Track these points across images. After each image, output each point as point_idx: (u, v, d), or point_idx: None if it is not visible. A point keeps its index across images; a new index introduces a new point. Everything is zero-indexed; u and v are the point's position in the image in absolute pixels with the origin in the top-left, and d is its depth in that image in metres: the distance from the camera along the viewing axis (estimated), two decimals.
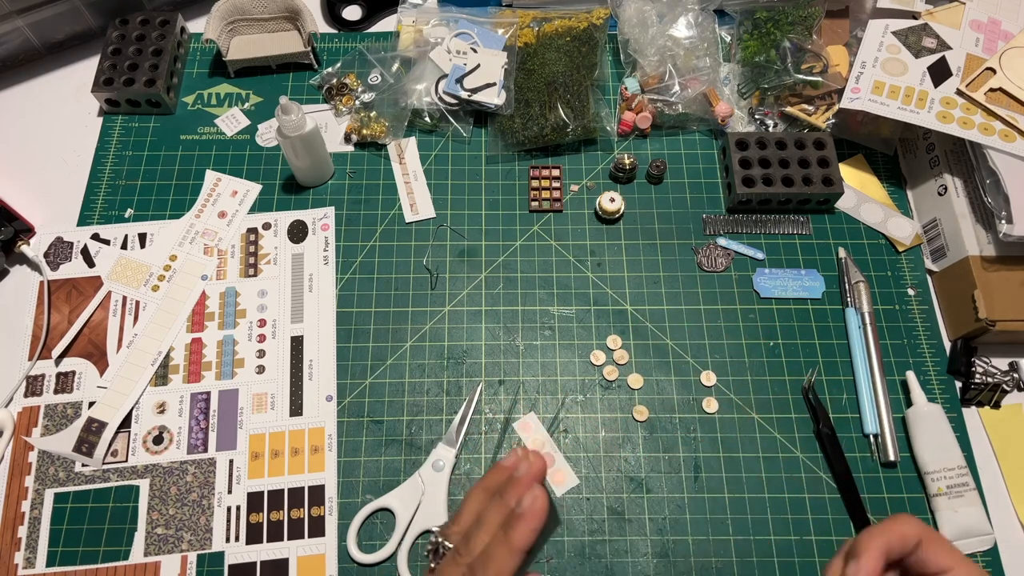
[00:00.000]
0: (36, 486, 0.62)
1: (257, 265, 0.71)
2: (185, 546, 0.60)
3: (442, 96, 0.76)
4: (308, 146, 0.67)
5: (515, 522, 0.39)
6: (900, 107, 0.69)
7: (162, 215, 0.74)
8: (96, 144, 0.77)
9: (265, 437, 0.64)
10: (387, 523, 0.61)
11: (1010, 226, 0.64)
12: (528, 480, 0.41)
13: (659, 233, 0.73)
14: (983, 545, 0.60)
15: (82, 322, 0.68)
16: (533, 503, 0.40)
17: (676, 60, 0.76)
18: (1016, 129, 0.68)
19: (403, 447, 0.64)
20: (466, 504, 0.43)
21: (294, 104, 0.64)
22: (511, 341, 0.68)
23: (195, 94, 0.80)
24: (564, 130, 0.74)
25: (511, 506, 0.41)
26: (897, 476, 0.63)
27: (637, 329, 0.69)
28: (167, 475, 0.63)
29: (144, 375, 0.66)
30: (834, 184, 0.72)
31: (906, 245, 0.73)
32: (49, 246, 0.72)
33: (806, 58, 0.76)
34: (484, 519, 0.41)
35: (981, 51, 0.72)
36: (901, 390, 0.66)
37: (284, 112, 0.64)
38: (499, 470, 0.44)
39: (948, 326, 0.70)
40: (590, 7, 0.81)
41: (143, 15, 0.80)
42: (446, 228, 0.73)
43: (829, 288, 0.71)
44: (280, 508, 0.62)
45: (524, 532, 0.39)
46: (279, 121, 0.65)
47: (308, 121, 0.66)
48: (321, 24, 0.86)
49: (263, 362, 0.67)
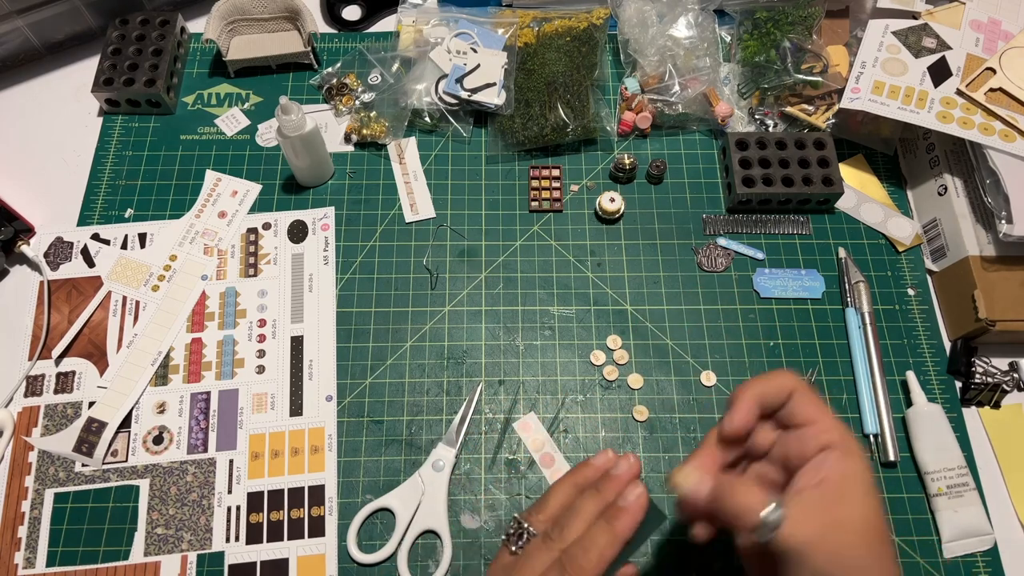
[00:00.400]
0: (36, 486, 0.62)
1: (257, 265, 0.71)
2: (185, 546, 0.60)
3: (442, 96, 0.76)
4: (308, 146, 0.67)
5: (618, 513, 0.42)
6: (900, 107, 0.69)
7: (162, 215, 0.74)
8: (96, 144, 0.77)
9: (265, 437, 0.64)
10: (387, 523, 0.61)
11: (1010, 226, 0.64)
12: (628, 477, 0.45)
13: (659, 233, 0.73)
14: (983, 545, 0.60)
15: (82, 322, 0.68)
16: (638, 498, 0.43)
17: (676, 60, 0.76)
18: (1016, 129, 0.68)
19: (403, 447, 0.64)
20: (553, 495, 0.46)
21: (294, 104, 0.64)
22: (511, 341, 0.68)
23: (195, 94, 0.80)
24: (564, 130, 0.74)
25: (609, 499, 0.43)
26: (897, 476, 0.63)
27: (637, 329, 0.69)
28: (167, 475, 0.63)
29: (144, 375, 0.66)
30: (834, 184, 0.72)
31: (906, 245, 0.73)
32: (49, 246, 0.72)
33: (806, 58, 0.76)
34: (579, 509, 0.44)
35: (981, 51, 0.72)
36: (901, 390, 0.66)
37: (284, 112, 0.64)
38: (590, 467, 0.47)
39: (948, 326, 0.70)
40: (590, 7, 0.81)
41: (143, 15, 0.80)
42: (446, 228, 0.73)
43: (829, 288, 0.71)
44: (280, 508, 0.62)
45: (627, 522, 0.42)
46: (279, 121, 0.65)
47: (308, 121, 0.66)
48: (321, 24, 0.86)
49: (263, 362, 0.67)
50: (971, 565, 0.60)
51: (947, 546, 0.60)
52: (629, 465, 0.45)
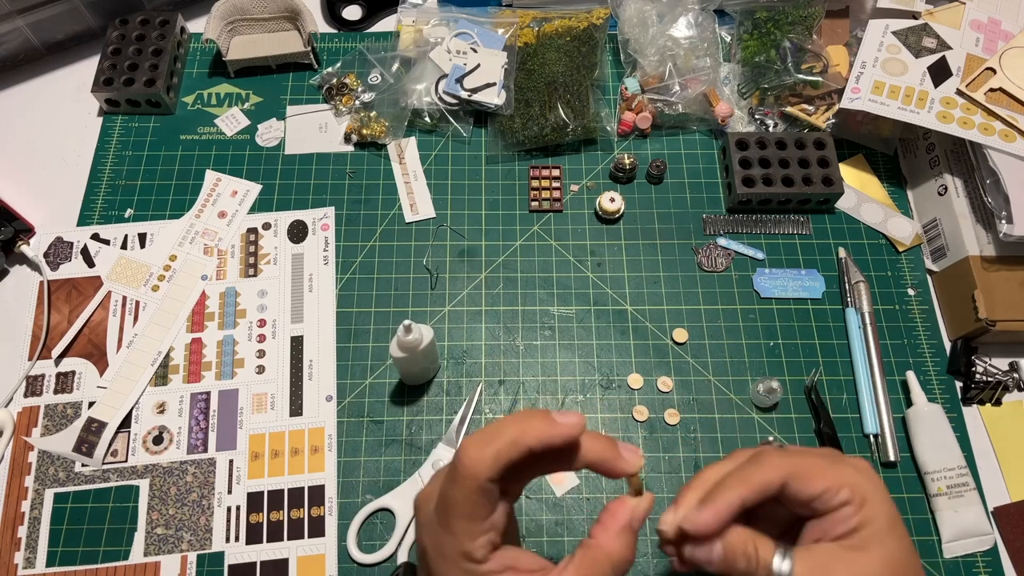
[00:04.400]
0: (36, 486, 0.62)
1: (257, 265, 0.71)
2: (185, 546, 0.60)
3: (442, 96, 0.76)
4: (427, 354, 0.60)
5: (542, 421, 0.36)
6: (900, 107, 0.69)
7: (162, 215, 0.74)
8: (96, 144, 0.77)
9: (265, 437, 0.64)
10: (387, 523, 0.61)
11: (1010, 226, 0.64)
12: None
13: (659, 233, 0.73)
14: (983, 545, 0.60)
15: (82, 322, 0.68)
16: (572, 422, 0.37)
17: (676, 60, 0.76)
18: (1016, 129, 0.68)
19: (403, 447, 0.64)
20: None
21: (414, 324, 0.57)
22: (511, 341, 0.68)
23: (195, 94, 0.80)
24: (564, 130, 0.74)
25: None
26: (897, 476, 0.63)
27: (637, 329, 0.69)
28: (167, 475, 0.63)
29: (144, 375, 0.66)
30: (834, 184, 0.72)
31: (906, 245, 0.73)
32: (49, 246, 0.72)
33: (806, 58, 0.76)
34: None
35: (981, 51, 0.72)
36: (901, 390, 0.66)
37: (406, 332, 0.57)
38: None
39: (948, 326, 0.70)
40: (590, 7, 0.81)
41: (143, 15, 0.80)
42: (446, 228, 0.73)
43: (829, 288, 0.71)
44: (280, 508, 0.62)
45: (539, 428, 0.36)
46: (399, 343, 0.58)
47: (425, 331, 0.59)
48: (321, 24, 0.86)
49: (263, 362, 0.67)
50: (971, 565, 0.60)
51: (947, 546, 0.60)
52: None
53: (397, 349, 0.58)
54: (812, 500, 0.37)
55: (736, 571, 0.37)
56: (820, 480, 0.37)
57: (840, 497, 0.36)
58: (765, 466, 0.38)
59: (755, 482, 0.37)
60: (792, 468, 0.37)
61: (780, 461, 0.38)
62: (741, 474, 0.38)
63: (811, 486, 0.37)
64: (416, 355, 0.58)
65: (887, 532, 0.36)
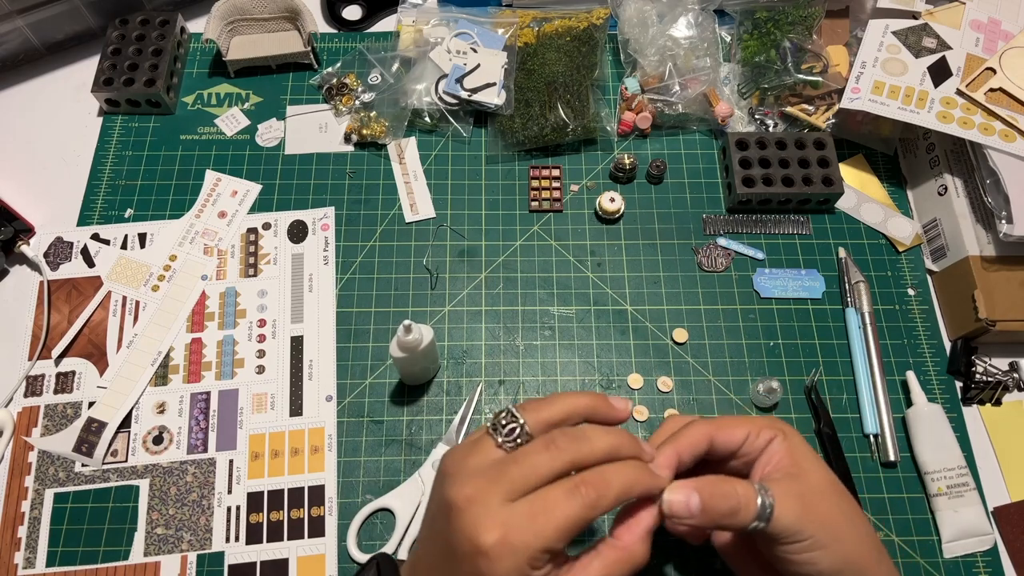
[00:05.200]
0: (36, 486, 0.62)
1: (257, 265, 0.71)
2: (185, 546, 0.60)
3: (442, 96, 0.76)
4: (427, 353, 0.61)
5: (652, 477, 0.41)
6: (900, 107, 0.69)
7: (162, 215, 0.74)
8: (96, 144, 0.77)
9: (265, 437, 0.64)
10: (387, 523, 0.61)
11: (1010, 226, 0.64)
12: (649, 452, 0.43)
13: (659, 233, 0.73)
14: (983, 545, 0.60)
15: (82, 322, 0.68)
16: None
17: (676, 60, 0.76)
18: (1016, 129, 0.68)
19: (403, 447, 0.64)
20: (558, 404, 0.42)
21: (414, 324, 0.57)
22: (511, 341, 0.68)
23: (195, 94, 0.80)
24: (564, 130, 0.74)
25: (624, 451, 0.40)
26: (897, 476, 0.63)
27: (637, 329, 0.69)
28: (167, 475, 0.63)
29: (144, 375, 0.66)
30: (834, 184, 0.72)
31: (906, 245, 0.73)
32: (49, 246, 0.72)
33: (806, 58, 0.76)
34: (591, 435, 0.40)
35: (981, 51, 0.72)
36: (901, 390, 0.66)
37: (406, 333, 0.57)
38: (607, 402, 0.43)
39: (948, 326, 0.70)
40: (590, 7, 0.81)
41: (143, 15, 0.80)
42: (446, 228, 0.73)
43: (829, 288, 0.71)
44: (280, 508, 0.62)
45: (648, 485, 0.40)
46: (400, 343, 0.58)
47: (425, 331, 0.59)
48: (321, 24, 0.86)
49: (263, 362, 0.67)
50: (971, 565, 0.60)
51: (947, 546, 0.60)
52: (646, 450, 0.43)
53: (397, 349, 0.58)
54: (739, 447, 0.44)
55: (722, 513, 0.40)
56: (739, 429, 0.44)
57: (763, 436, 0.44)
58: (691, 429, 0.44)
59: (685, 442, 0.43)
60: (715, 426, 0.44)
61: (703, 423, 0.45)
62: (672, 439, 0.44)
63: (733, 436, 0.44)
64: (416, 355, 0.58)
65: (813, 458, 0.44)
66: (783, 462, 0.43)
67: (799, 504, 0.41)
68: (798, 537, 0.41)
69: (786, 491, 0.42)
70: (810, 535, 0.41)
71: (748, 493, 0.41)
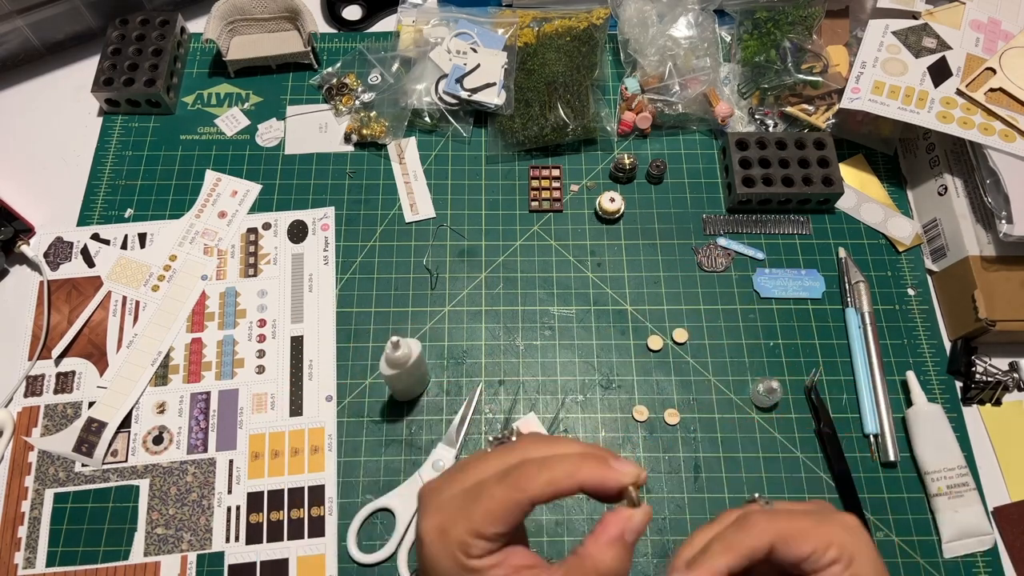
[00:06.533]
0: (36, 486, 0.62)
1: (257, 265, 0.71)
2: (185, 546, 0.60)
3: (442, 96, 0.76)
4: (415, 368, 0.61)
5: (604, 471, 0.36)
6: (900, 107, 0.69)
7: (162, 215, 0.74)
8: (96, 144, 0.77)
9: (265, 437, 0.64)
10: (387, 523, 0.61)
11: (1010, 226, 0.64)
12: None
13: (659, 233, 0.73)
14: (983, 545, 0.60)
15: (82, 322, 0.68)
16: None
17: (676, 60, 0.76)
18: (1016, 129, 0.68)
19: (403, 447, 0.64)
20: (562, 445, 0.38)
21: (402, 340, 0.58)
22: (511, 341, 0.68)
23: (195, 94, 0.80)
24: (564, 130, 0.74)
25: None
26: (897, 476, 0.63)
27: (637, 329, 0.69)
28: (167, 475, 0.63)
29: (144, 375, 0.66)
30: (834, 184, 0.72)
31: (906, 245, 0.73)
32: (49, 246, 0.72)
33: (806, 58, 0.76)
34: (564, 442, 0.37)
35: (981, 51, 0.72)
36: (901, 390, 0.66)
37: (395, 349, 0.57)
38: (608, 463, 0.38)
39: (948, 326, 0.70)
40: (590, 7, 0.81)
41: (143, 15, 0.80)
42: (446, 228, 0.73)
43: (829, 288, 0.71)
44: (280, 508, 0.62)
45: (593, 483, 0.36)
46: (388, 360, 0.58)
47: (414, 345, 0.59)
48: (321, 24, 0.86)
49: (263, 362, 0.67)
50: (971, 565, 0.60)
51: (947, 546, 0.60)
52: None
53: (387, 367, 0.58)
54: (801, 561, 0.37)
55: None
56: (808, 542, 0.37)
57: (829, 556, 0.37)
58: (752, 530, 0.37)
59: (742, 548, 0.37)
60: (779, 532, 0.37)
61: (767, 525, 0.37)
62: (727, 540, 0.38)
63: (799, 549, 0.37)
64: (406, 369, 0.58)
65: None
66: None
67: None
68: None
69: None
70: None
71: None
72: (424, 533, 0.37)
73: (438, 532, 0.36)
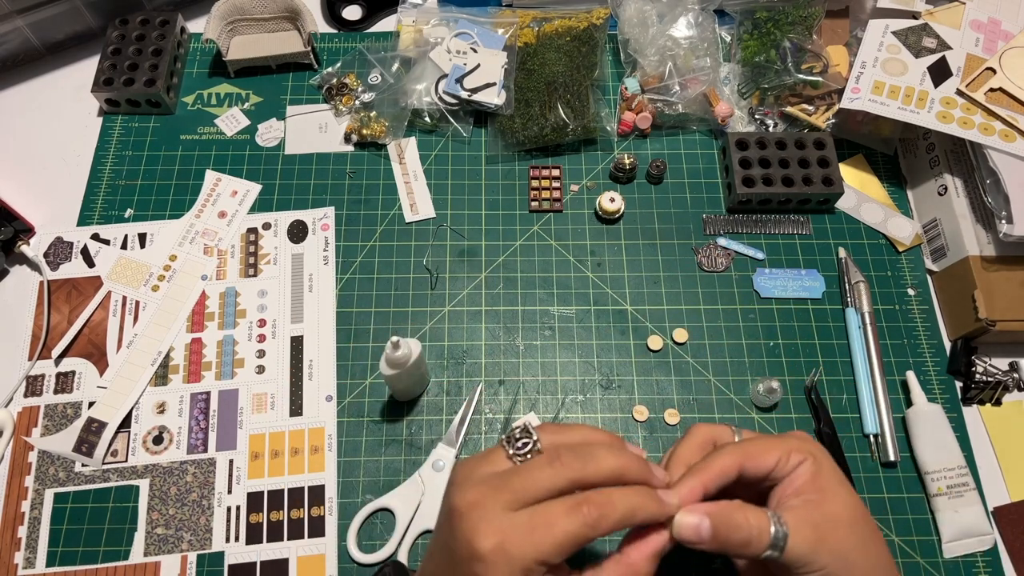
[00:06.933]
0: (36, 486, 0.62)
1: (257, 265, 0.71)
2: (185, 546, 0.60)
3: (442, 96, 0.76)
4: (415, 367, 0.60)
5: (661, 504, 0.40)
6: (900, 107, 0.69)
7: (162, 215, 0.74)
8: (96, 144, 0.77)
9: (265, 437, 0.64)
10: (387, 523, 0.61)
11: (1010, 226, 0.64)
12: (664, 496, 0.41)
13: (659, 233, 0.73)
14: (983, 545, 0.60)
15: (82, 322, 0.68)
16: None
17: (676, 60, 0.76)
18: (1016, 129, 0.68)
19: (403, 447, 0.64)
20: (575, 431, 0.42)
21: (402, 340, 0.57)
22: (511, 341, 0.68)
23: (195, 94, 0.80)
24: (564, 130, 0.74)
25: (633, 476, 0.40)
26: (897, 476, 0.63)
27: (637, 329, 0.69)
28: (167, 475, 0.63)
29: (144, 375, 0.66)
30: (834, 184, 0.72)
31: (906, 245, 0.73)
32: (49, 246, 0.72)
33: (806, 58, 0.76)
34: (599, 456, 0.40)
35: (981, 51, 0.72)
36: (901, 390, 0.66)
37: (395, 349, 0.57)
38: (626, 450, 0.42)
39: (948, 326, 0.70)
40: (590, 7, 0.81)
41: (143, 15, 0.80)
42: (446, 228, 0.73)
43: (829, 288, 0.71)
44: (280, 508, 0.62)
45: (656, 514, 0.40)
46: (388, 360, 0.58)
47: (414, 345, 0.59)
48: (321, 24, 0.86)
49: (263, 362, 0.67)
50: (971, 565, 0.60)
51: (947, 546, 0.60)
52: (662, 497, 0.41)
53: (387, 367, 0.58)
54: (769, 472, 0.42)
55: (734, 543, 0.40)
56: (771, 454, 0.42)
57: (793, 460, 0.42)
58: (721, 453, 0.43)
59: (713, 469, 0.42)
60: (744, 451, 0.43)
61: (733, 448, 0.43)
62: (700, 464, 0.42)
63: (763, 461, 0.42)
64: (406, 369, 0.58)
65: (838, 483, 0.42)
66: (805, 487, 0.42)
67: (814, 534, 0.40)
68: (811, 568, 0.40)
69: (802, 519, 0.41)
70: (823, 565, 0.40)
71: (761, 524, 0.40)
72: (457, 505, 0.38)
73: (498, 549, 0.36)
